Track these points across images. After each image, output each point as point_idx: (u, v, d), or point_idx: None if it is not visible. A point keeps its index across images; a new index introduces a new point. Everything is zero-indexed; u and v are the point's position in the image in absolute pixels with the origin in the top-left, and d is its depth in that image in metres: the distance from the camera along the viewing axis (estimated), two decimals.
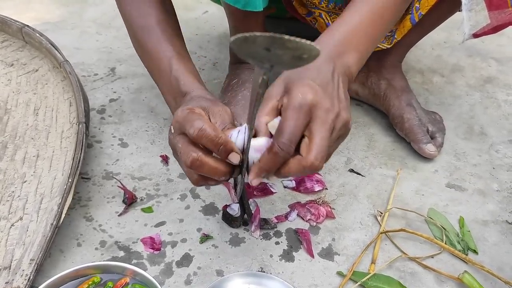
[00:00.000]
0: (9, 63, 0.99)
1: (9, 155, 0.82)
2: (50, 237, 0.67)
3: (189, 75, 0.71)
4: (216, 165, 0.57)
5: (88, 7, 1.39)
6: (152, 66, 0.77)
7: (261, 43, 0.40)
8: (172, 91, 0.72)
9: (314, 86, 0.57)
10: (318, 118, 0.55)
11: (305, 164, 0.55)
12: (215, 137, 0.55)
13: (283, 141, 0.53)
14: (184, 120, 0.58)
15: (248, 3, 0.76)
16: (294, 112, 0.54)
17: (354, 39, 0.65)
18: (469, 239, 0.79)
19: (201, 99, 0.65)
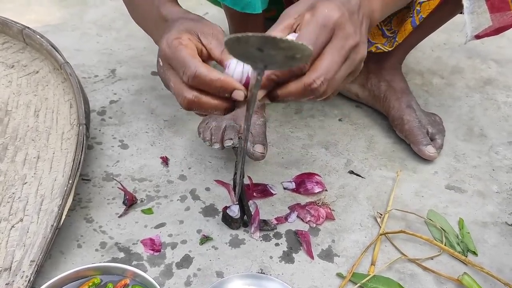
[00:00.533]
0: (10, 65, 0.99)
1: (10, 157, 0.82)
2: (50, 238, 0.68)
3: (169, 2, 0.66)
4: (216, 102, 0.53)
5: (89, 9, 1.39)
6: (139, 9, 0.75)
7: (253, 43, 0.41)
8: (154, 21, 0.68)
9: (342, 7, 0.52)
10: (337, 40, 0.51)
11: (304, 84, 0.50)
12: (213, 81, 0.51)
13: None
14: (174, 57, 0.54)
15: (247, 6, 0.76)
16: (317, 27, 0.50)
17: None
18: (469, 241, 0.79)
19: (185, 21, 0.59)
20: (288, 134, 0.98)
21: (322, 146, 0.96)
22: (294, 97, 0.53)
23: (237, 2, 0.75)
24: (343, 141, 0.98)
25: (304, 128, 1.00)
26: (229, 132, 0.84)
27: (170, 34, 0.56)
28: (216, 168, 0.90)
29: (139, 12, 0.77)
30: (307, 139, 0.98)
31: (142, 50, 1.21)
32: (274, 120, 1.01)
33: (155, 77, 1.12)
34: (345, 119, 1.03)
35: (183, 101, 0.54)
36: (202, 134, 0.87)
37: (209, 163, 0.90)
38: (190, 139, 0.95)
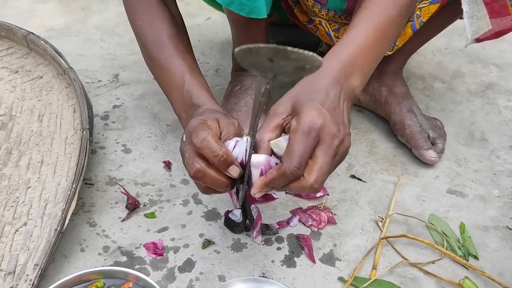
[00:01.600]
0: (14, 70, 1.00)
1: (14, 161, 0.83)
2: (54, 242, 0.68)
3: (202, 90, 0.73)
4: (217, 176, 0.59)
5: (92, 14, 1.40)
6: (165, 80, 0.78)
7: (265, 54, 0.42)
8: (184, 105, 0.73)
9: (323, 110, 0.58)
10: (325, 143, 0.57)
11: (305, 185, 0.57)
12: (215, 149, 0.57)
13: (294, 165, 0.55)
14: (194, 129, 0.60)
15: (252, 11, 0.77)
16: (304, 136, 0.56)
17: (360, 60, 0.67)
18: (470, 245, 0.79)
19: (214, 112, 0.67)
20: None
21: None
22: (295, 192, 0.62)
23: (243, 7, 0.76)
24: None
25: None
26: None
27: (200, 117, 0.64)
28: None
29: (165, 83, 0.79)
30: None
31: None
32: None
33: None
34: None
35: (191, 168, 0.59)
36: None
37: None
38: None
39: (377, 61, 0.71)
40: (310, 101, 0.59)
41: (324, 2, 0.90)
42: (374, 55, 0.69)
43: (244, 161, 0.60)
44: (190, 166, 0.59)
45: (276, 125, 0.60)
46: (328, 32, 0.94)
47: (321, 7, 0.91)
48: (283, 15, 1.06)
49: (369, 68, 0.69)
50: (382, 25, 0.69)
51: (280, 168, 0.56)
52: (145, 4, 0.80)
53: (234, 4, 0.76)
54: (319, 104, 0.59)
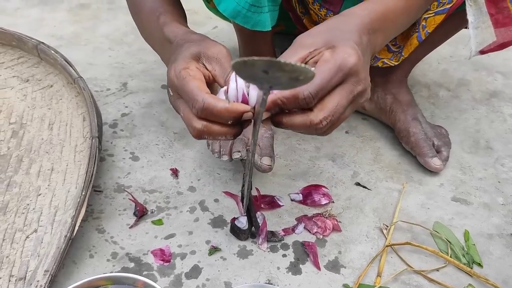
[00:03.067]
0: (25, 79, 1.02)
1: (25, 169, 0.85)
2: (64, 248, 0.70)
3: (174, 23, 0.69)
4: (225, 129, 0.56)
5: (101, 23, 1.42)
6: (145, 27, 0.78)
7: (259, 66, 0.43)
8: (159, 41, 0.71)
9: (358, 52, 0.55)
10: (348, 85, 0.54)
11: (312, 121, 0.54)
12: (221, 112, 0.54)
13: (310, 91, 0.52)
14: (182, 89, 0.56)
15: (257, 24, 0.78)
16: (335, 69, 0.53)
17: (387, 23, 0.65)
18: (474, 253, 0.80)
19: (190, 45, 0.61)
20: (296, 146, 1.00)
21: (329, 158, 0.98)
22: (297, 129, 0.56)
23: (247, 20, 0.77)
24: (350, 153, 0.99)
25: (311, 140, 1.02)
26: (237, 145, 0.86)
27: (177, 63, 0.59)
28: (225, 179, 0.91)
29: (146, 30, 0.80)
30: (314, 151, 0.99)
31: (152, 63, 1.24)
32: (282, 132, 1.03)
33: (165, 90, 1.14)
34: (352, 132, 1.05)
35: (193, 131, 0.56)
36: (211, 146, 0.89)
37: (218, 174, 0.92)
38: (200, 151, 0.97)
39: (399, 30, 0.69)
40: (347, 39, 0.55)
41: (336, 10, 0.91)
42: (399, 24, 0.68)
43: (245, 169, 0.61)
44: (191, 128, 0.56)
45: (301, 57, 0.56)
46: None
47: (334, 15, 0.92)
48: (289, 25, 1.08)
49: (391, 34, 0.67)
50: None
51: (295, 89, 0.52)
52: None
53: (239, 17, 0.77)
54: (356, 45, 0.55)
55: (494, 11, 0.82)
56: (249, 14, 0.77)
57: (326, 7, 0.91)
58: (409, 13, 0.70)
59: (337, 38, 0.56)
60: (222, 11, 0.78)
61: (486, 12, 0.82)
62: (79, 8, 1.49)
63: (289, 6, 0.99)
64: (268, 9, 0.78)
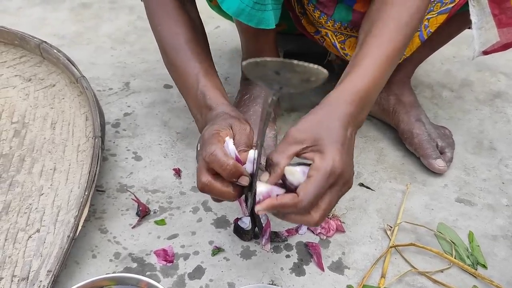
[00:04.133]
0: (27, 78, 1.02)
1: (27, 168, 0.85)
2: (66, 249, 0.69)
3: (215, 90, 0.74)
4: (223, 189, 0.61)
5: (103, 23, 1.42)
6: (181, 83, 0.80)
7: (271, 67, 0.43)
8: (198, 106, 0.75)
9: (344, 156, 0.61)
10: (337, 187, 0.61)
11: (309, 221, 0.60)
12: (223, 163, 0.59)
13: (308, 201, 0.58)
14: (206, 141, 0.63)
15: (261, 22, 0.78)
16: (325, 177, 0.58)
17: (371, 96, 0.69)
18: (479, 254, 0.79)
19: (227, 117, 0.68)
20: None
21: None
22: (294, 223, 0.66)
23: (251, 18, 0.77)
24: (353, 154, 0.99)
25: None
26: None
27: (213, 126, 0.65)
28: None
29: (181, 83, 0.81)
30: None
31: (155, 63, 1.23)
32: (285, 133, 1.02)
33: (167, 90, 1.14)
34: None
35: (199, 183, 0.62)
36: None
37: None
38: None
39: (381, 89, 0.73)
40: (333, 142, 0.61)
41: (330, 14, 0.91)
42: (383, 84, 0.72)
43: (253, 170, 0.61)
44: (198, 180, 0.62)
45: (294, 153, 0.61)
46: (334, 44, 0.95)
47: (327, 18, 0.92)
48: (291, 25, 1.07)
49: (376, 96, 0.71)
50: (391, 54, 0.70)
51: (294, 199, 0.58)
52: (164, 9, 0.81)
53: (243, 15, 0.77)
54: (341, 146, 0.61)
55: (497, 11, 0.82)
56: (253, 12, 0.77)
57: (320, 9, 0.91)
58: (393, 65, 0.72)
59: (324, 140, 0.61)
60: (225, 9, 0.78)
61: (490, 12, 0.82)
62: (81, 8, 1.49)
63: (290, 5, 0.99)
64: (272, 7, 0.78)
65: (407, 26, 0.72)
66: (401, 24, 0.71)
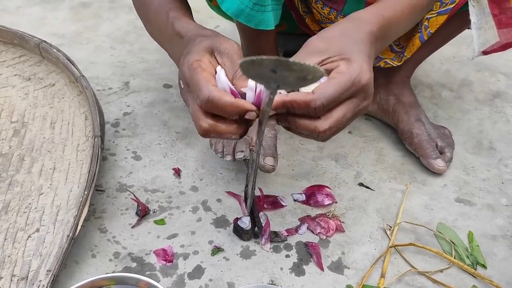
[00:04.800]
0: (27, 78, 1.02)
1: (26, 168, 0.84)
2: (66, 248, 0.69)
3: (184, 18, 0.69)
4: (230, 128, 0.56)
5: (103, 22, 1.42)
6: (153, 23, 0.77)
7: (267, 65, 0.43)
8: (170, 39, 0.71)
9: (371, 68, 0.56)
10: (356, 100, 0.56)
11: (316, 129, 0.55)
12: (225, 106, 0.53)
13: (323, 102, 0.52)
14: (191, 80, 0.56)
15: (260, 23, 0.78)
16: (349, 83, 0.54)
17: (392, 29, 0.66)
18: (478, 254, 0.79)
19: (203, 39, 0.61)
20: (299, 146, 1.00)
21: (332, 158, 0.97)
22: (300, 131, 0.57)
23: (251, 19, 0.77)
24: (353, 154, 0.99)
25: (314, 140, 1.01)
26: (241, 145, 0.85)
27: (190, 56, 0.58)
28: (228, 179, 0.91)
29: (154, 26, 0.79)
30: (317, 151, 0.99)
31: (154, 62, 1.23)
32: (284, 132, 1.02)
33: (167, 89, 1.14)
34: (355, 132, 1.05)
35: (200, 129, 0.56)
36: (214, 146, 0.89)
37: (221, 174, 0.92)
38: (202, 150, 0.97)
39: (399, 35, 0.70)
40: (361, 51, 0.56)
41: (340, 9, 0.90)
42: (401, 30, 0.69)
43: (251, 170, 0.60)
44: (197, 126, 0.56)
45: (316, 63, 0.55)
46: None
47: (337, 13, 0.91)
48: (291, 25, 1.07)
49: (392, 40, 0.69)
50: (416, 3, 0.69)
51: (308, 96, 0.53)
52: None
53: (242, 16, 0.77)
54: (368, 58, 0.56)
55: (497, 11, 0.82)
56: (252, 12, 0.76)
57: (329, 5, 0.91)
58: (412, 16, 0.71)
59: (351, 48, 0.56)
60: (225, 10, 0.78)
61: (489, 12, 0.82)
62: (80, 7, 1.49)
63: (291, 5, 0.99)
64: (272, 8, 0.78)
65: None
66: None
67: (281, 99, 0.54)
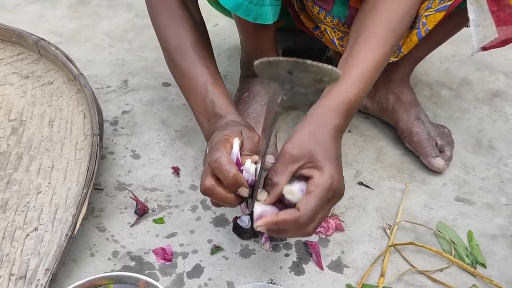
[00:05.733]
0: (25, 76, 1.01)
1: (24, 166, 0.84)
2: (65, 247, 0.69)
3: (224, 99, 0.75)
4: (225, 195, 0.62)
5: (101, 20, 1.41)
6: (187, 88, 0.80)
7: (284, 66, 0.43)
8: (207, 113, 0.75)
9: (339, 169, 0.64)
10: (332, 203, 0.64)
11: (304, 233, 0.62)
12: (225, 172, 0.60)
13: (307, 217, 0.59)
14: (214, 146, 0.64)
15: (259, 16, 0.78)
16: (324, 194, 0.60)
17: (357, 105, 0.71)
18: (478, 253, 0.79)
19: (237, 124, 0.69)
20: None
21: None
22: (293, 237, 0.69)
23: (249, 13, 0.77)
24: (352, 152, 0.99)
25: None
26: None
27: (224, 131, 0.67)
28: None
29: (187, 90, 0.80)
30: None
31: (153, 61, 1.23)
32: (284, 131, 1.02)
33: (166, 88, 1.14)
34: (354, 130, 1.04)
35: (202, 186, 0.63)
36: None
37: None
38: (201, 149, 0.96)
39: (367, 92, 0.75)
40: (328, 157, 0.63)
41: (328, 9, 0.91)
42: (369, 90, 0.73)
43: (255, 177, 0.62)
44: (201, 183, 0.63)
45: (292, 172, 0.62)
46: (332, 40, 0.95)
47: (326, 13, 0.91)
48: (290, 21, 1.07)
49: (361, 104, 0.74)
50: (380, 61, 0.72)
51: (295, 214, 0.59)
52: (168, 9, 0.80)
53: (241, 10, 0.77)
54: (335, 160, 0.63)
55: (495, 8, 0.82)
56: (251, 6, 0.77)
57: (319, 4, 0.91)
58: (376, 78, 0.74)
59: (320, 155, 0.62)
60: (223, 3, 0.78)
61: (488, 9, 0.82)
62: (79, 5, 1.48)
63: (288, 1, 0.99)
64: (270, 2, 0.79)
65: (396, 30, 0.74)
66: (391, 29, 0.73)
67: (272, 219, 0.60)
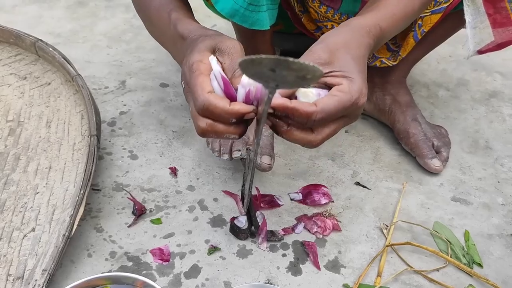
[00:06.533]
0: (22, 76, 1.02)
1: (22, 167, 0.84)
2: (62, 248, 0.69)
3: (187, 19, 0.69)
4: (228, 128, 0.56)
5: (99, 21, 1.42)
6: (154, 23, 0.77)
7: (267, 64, 0.43)
8: (173, 40, 0.70)
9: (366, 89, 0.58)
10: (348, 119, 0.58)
11: (309, 140, 0.57)
12: (222, 112, 0.54)
13: (323, 116, 0.54)
14: (189, 82, 0.57)
15: (255, 23, 0.77)
16: (349, 104, 0.55)
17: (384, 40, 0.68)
18: (474, 253, 0.80)
19: (205, 39, 0.61)
20: (295, 146, 0.99)
21: (328, 157, 0.97)
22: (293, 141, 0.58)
23: (245, 19, 0.76)
24: (350, 153, 0.99)
25: None
26: (237, 144, 0.85)
27: (192, 55, 0.59)
28: (224, 178, 0.91)
29: (155, 27, 0.78)
30: (314, 150, 0.99)
31: (151, 61, 1.23)
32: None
33: (164, 88, 1.14)
34: (351, 131, 1.05)
35: (198, 129, 0.57)
36: (210, 145, 0.89)
37: (217, 173, 0.92)
38: (199, 150, 0.97)
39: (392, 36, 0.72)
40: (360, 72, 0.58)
41: (337, 7, 0.91)
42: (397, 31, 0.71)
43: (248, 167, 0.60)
44: (196, 125, 0.57)
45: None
46: None
47: (334, 12, 0.91)
48: (287, 24, 1.07)
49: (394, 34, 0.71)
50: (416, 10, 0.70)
51: (311, 108, 0.53)
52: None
53: (237, 16, 0.76)
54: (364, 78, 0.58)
55: (492, 11, 0.82)
56: (247, 13, 0.76)
57: (326, 4, 0.91)
58: (402, 24, 0.72)
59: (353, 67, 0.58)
60: (219, 10, 0.77)
61: (484, 12, 0.82)
62: (77, 6, 1.48)
63: (287, 5, 0.99)
64: (267, 8, 0.78)
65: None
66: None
67: (284, 103, 0.54)
